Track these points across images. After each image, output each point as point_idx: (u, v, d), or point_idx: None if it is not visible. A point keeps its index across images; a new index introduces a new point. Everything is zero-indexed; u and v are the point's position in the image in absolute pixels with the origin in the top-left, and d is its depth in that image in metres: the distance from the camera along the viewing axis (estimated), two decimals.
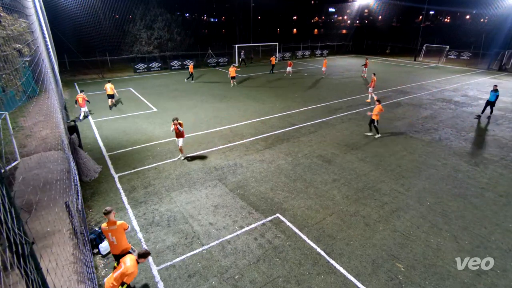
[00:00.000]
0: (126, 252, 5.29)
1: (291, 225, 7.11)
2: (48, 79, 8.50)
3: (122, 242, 5.27)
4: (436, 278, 5.68)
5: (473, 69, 30.01)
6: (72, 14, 26.27)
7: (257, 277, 5.67)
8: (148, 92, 19.69)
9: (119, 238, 5.21)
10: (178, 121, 9.88)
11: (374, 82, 17.67)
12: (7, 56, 6.04)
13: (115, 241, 5.21)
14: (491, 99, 14.44)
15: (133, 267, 4.50)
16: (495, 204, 8.01)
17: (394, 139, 12.25)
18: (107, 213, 5.13)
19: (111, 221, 5.15)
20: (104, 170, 9.65)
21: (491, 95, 14.39)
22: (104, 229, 5.17)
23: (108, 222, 5.15)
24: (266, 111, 15.72)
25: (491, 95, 14.39)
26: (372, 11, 55.00)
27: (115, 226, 5.13)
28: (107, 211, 5.13)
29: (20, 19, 8.37)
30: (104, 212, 5.15)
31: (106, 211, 5.14)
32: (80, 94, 14.25)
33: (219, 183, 8.90)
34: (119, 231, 5.19)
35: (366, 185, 8.84)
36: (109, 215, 5.13)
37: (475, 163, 10.30)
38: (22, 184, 7.89)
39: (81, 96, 14.14)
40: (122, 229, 5.22)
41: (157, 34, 29.52)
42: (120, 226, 5.17)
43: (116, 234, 5.17)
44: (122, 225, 5.22)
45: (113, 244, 5.27)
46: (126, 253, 5.25)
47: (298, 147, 11.37)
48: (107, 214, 5.13)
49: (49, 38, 14.95)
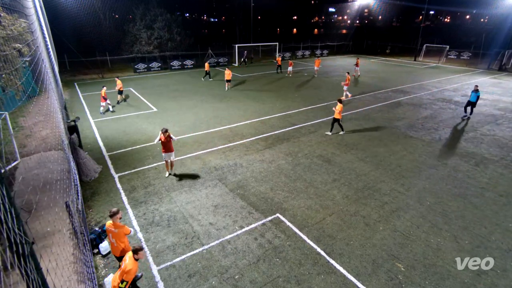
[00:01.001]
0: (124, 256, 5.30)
1: (291, 225, 7.11)
2: (48, 79, 8.50)
3: (122, 245, 5.33)
4: (436, 278, 5.68)
5: (473, 69, 30.01)
6: (72, 14, 26.26)
7: (257, 277, 5.67)
8: (148, 92, 19.69)
9: (119, 241, 5.28)
10: (168, 132, 8.70)
11: (348, 80, 17.75)
12: (7, 56, 6.04)
13: (115, 243, 5.30)
14: (472, 100, 14.38)
15: (131, 265, 4.51)
16: (495, 204, 8.01)
17: (394, 139, 12.25)
18: (112, 215, 5.20)
19: (115, 223, 5.22)
20: (104, 170, 9.65)
21: (472, 96, 14.33)
22: (107, 228, 5.29)
23: (112, 223, 5.23)
24: (266, 111, 15.73)
25: (472, 96, 14.33)
26: (372, 11, 54.98)
27: (117, 230, 5.22)
28: (113, 213, 5.19)
29: (20, 19, 8.37)
30: (110, 214, 5.22)
31: (112, 213, 5.20)
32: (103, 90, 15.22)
33: (219, 183, 8.90)
34: (120, 235, 5.26)
35: (366, 185, 8.85)
36: (113, 217, 5.19)
37: (475, 163, 10.30)
38: (22, 184, 7.89)
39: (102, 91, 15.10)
40: (123, 233, 5.29)
41: (157, 34, 29.51)
42: (121, 231, 5.24)
43: (116, 237, 5.25)
44: (124, 230, 5.29)
45: (113, 246, 5.38)
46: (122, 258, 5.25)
47: (298, 147, 11.37)
48: (112, 216, 5.20)
49: (49, 38, 14.94)
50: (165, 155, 8.97)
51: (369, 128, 13.43)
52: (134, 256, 4.63)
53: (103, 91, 14.97)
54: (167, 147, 8.78)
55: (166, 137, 8.65)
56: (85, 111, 15.73)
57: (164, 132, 8.62)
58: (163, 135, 8.63)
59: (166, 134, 8.64)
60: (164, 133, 8.62)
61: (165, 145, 8.74)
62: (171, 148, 8.88)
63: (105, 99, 15.08)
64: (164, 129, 8.65)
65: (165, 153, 8.94)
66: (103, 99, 15.02)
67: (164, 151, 8.89)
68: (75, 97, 18.57)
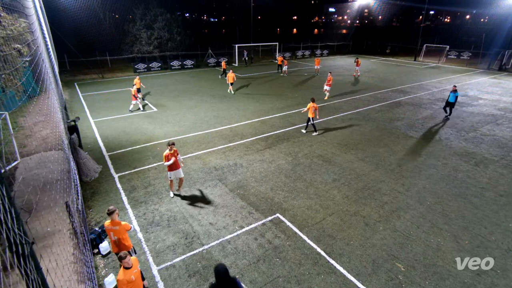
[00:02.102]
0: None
1: (291, 225, 7.11)
2: (48, 79, 8.51)
3: (123, 241, 5.33)
4: (436, 278, 5.68)
5: (473, 69, 30.01)
6: (72, 14, 26.26)
7: (257, 277, 5.67)
8: (148, 92, 19.69)
9: (121, 238, 5.28)
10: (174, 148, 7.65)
11: (331, 80, 17.61)
12: (7, 56, 6.04)
13: (117, 241, 5.29)
14: (450, 100, 14.33)
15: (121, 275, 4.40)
16: (495, 204, 8.01)
17: (394, 139, 12.25)
18: (110, 213, 5.18)
19: (114, 221, 5.20)
20: (104, 170, 9.65)
21: (451, 96, 14.27)
22: (107, 227, 5.24)
23: (111, 221, 5.21)
24: (266, 111, 15.73)
25: (451, 96, 14.27)
26: (372, 11, 54.98)
27: (118, 227, 5.20)
28: (111, 211, 5.18)
29: (20, 19, 8.37)
30: (108, 212, 5.21)
31: (110, 211, 5.18)
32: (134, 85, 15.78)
33: (219, 183, 8.90)
34: (122, 232, 5.25)
35: (366, 185, 8.85)
36: (112, 215, 5.18)
37: (475, 163, 10.31)
38: (22, 184, 7.89)
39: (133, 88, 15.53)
40: (124, 230, 5.28)
41: (157, 34, 29.50)
42: (122, 227, 5.23)
43: (118, 234, 5.24)
44: (125, 227, 5.28)
45: (114, 244, 5.35)
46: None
47: (298, 147, 11.37)
48: (110, 214, 5.19)
49: (49, 38, 14.96)
50: (173, 173, 7.74)
51: (369, 128, 13.43)
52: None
53: (136, 83, 15.64)
54: (176, 163, 7.67)
55: (173, 152, 7.57)
56: (85, 111, 15.73)
57: (172, 145, 7.54)
58: (170, 150, 7.51)
59: (173, 149, 7.58)
60: (172, 147, 7.54)
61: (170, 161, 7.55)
62: (178, 164, 7.81)
63: (136, 98, 15.33)
64: (171, 142, 7.59)
65: (173, 171, 7.71)
66: (134, 98, 15.27)
67: (170, 169, 7.65)
68: (75, 97, 18.57)
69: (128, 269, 4.41)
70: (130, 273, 4.40)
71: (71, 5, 26.23)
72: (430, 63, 34.07)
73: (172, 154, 7.54)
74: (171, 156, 7.52)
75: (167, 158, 7.50)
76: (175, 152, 7.66)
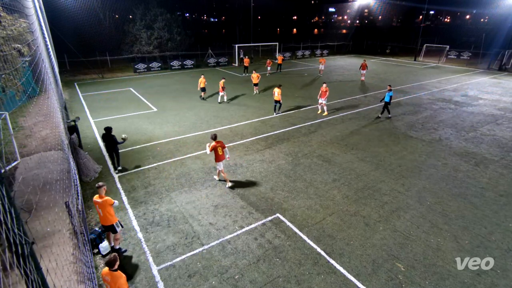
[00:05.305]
0: (111, 224, 6.00)
1: (291, 225, 7.11)
2: (48, 79, 8.50)
3: (108, 215, 5.93)
4: (436, 278, 5.68)
5: (473, 69, 30.01)
6: (72, 14, 26.26)
7: (257, 277, 5.67)
8: (148, 92, 19.68)
9: (105, 211, 5.90)
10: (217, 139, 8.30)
11: (327, 92, 14.76)
12: (7, 56, 6.04)
13: (101, 213, 5.93)
14: (386, 100, 14.35)
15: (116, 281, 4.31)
16: (495, 204, 8.01)
17: (394, 139, 12.25)
18: (98, 187, 5.89)
19: (100, 196, 5.89)
20: (104, 170, 9.65)
21: (386, 96, 14.29)
22: (94, 201, 5.95)
23: (98, 195, 5.91)
24: (266, 111, 15.72)
25: (386, 96, 14.29)
26: (372, 11, 54.97)
27: (101, 200, 5.85)
28: (99, 186, 5.90)
29: (20, 19, 8.36)
30: (97, 186, 5.91)
31: (98, 186, 5.90)
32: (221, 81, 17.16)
33: (219, 183, 8.90)
34: (105, 205, 5.85)
35: (366, 185, 8.84)
36: (99, 189, 5.88)
37: (475, 163, 10.30)
38: (22, 184, 7.88)
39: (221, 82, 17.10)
40: (107, 204, 5.85)
41: (157, 34, 29.50)
42: (105, 201, 5.85)
43: (102, 207, 5.88)
44: (107, 201, 5.87)
45: (100, 216, 6.03)
46: (110, 226, 6.03)
47: (298, 147, 11.37)
48: (98, 188, 5.89)
49: (49, 38, 14.95)
50: (220, 163, 8.54)
51: (369, 128, 13.43)
52: (111, 269, 4.25)
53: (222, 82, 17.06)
54: (218, 155, 8.36)
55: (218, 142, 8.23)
56: (85, 111, 15.72)
57: (214, 139, 8.24)
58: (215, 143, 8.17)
59: (216, 140, 8.23)
60: (215, 139, 8.23)
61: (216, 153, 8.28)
62: (220, 157, 8.42)
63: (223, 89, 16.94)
64: (213, 135, 8.31)
65: (220, 162, 8.51)
66: (222, 89, 16.92)
67: (219, 159, 8.43)
68: (75, 97, 18.57)
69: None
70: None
71: (71, 5, 26.23)
72: (430, 63, 34.07)
73: (219, 143, 8.28)
74: (218, 147, 8.24)
75: (214, 148, 8.23)
76: (222, 144, 8.36)
